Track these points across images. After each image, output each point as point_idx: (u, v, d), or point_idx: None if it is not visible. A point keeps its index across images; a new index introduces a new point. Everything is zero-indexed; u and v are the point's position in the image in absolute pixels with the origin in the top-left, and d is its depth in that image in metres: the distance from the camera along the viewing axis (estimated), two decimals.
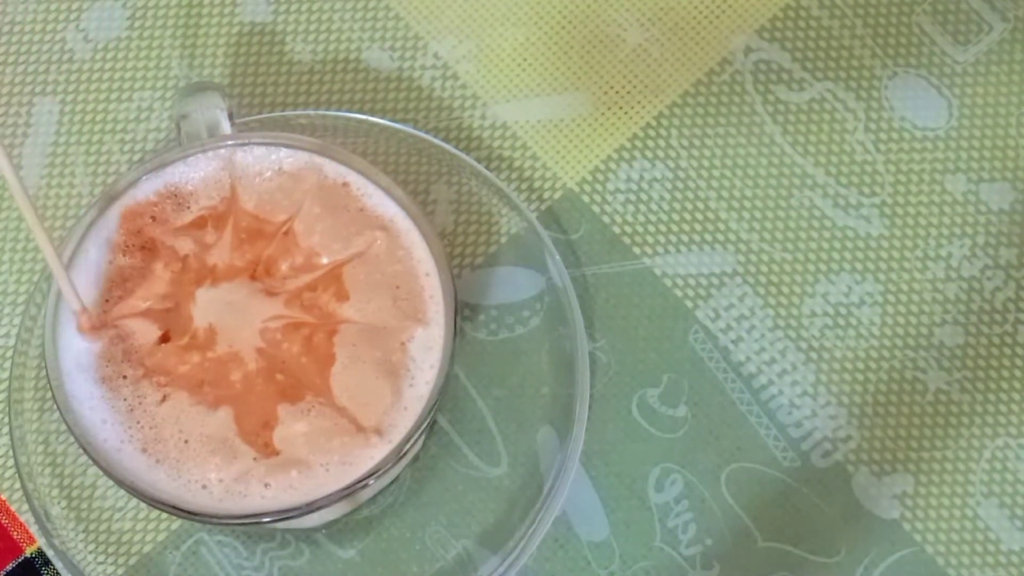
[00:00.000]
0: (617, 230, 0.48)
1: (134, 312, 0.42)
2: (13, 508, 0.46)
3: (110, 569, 0.45)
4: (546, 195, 0.49)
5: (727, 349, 0.47)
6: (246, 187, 0.43)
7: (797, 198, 0.49)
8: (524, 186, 0.49)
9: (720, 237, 0.48)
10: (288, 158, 0.44)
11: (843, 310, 0.48)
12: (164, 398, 0.41)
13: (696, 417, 0.47)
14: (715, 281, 0.48)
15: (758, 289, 0.48)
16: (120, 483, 0.40)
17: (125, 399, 0.41)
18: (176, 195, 0.43)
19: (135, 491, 0.40)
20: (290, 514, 0.40)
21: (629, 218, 0.49)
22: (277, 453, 0.40)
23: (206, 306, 0.42)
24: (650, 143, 0.49)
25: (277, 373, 0.41)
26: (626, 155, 0.49)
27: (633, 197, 0.49)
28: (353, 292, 0.42)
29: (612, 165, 0.49)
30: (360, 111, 0.49)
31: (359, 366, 0.41)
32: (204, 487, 0.40)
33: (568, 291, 0.47)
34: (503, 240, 0.48)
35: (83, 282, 0.42)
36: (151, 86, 0.50)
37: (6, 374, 0.47)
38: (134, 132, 0.50)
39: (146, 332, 0.41)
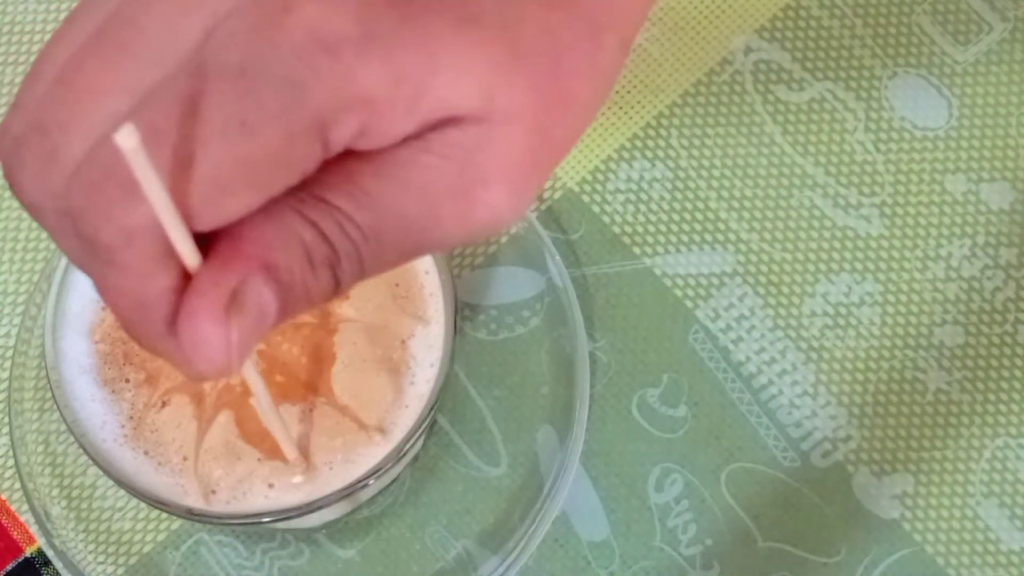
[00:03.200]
0: (617, 230, 0.48)
1: None
2: (13, 508, 0.46)
3: (110, 569, 0.45)
4: (546, 195, 0.49)
5: (727, 349, 0.47)
6: None
7: (797, 198, 0.49)
8: None
9: (720, 237, 0.48)
10: None
11: (843, 310, 0.48)
12: (165, 402, 0.41)
13: (696, 417, 0.47)
14: (715, 281, 0.48)
15: (758, 289, 0.48)
16: (120, 483, 0.40)
17: (128, 401, 0.41)
18: None
19: (135, 491, 0.40)
20: (291, 514, 0.40)
21: (629, 218, 0.49)
22: (281, 454, 0.40)
23: None
24: (650, 143, 0.49)
25: (277, 374, 0.41)
26: (626, 155, 0.49)
27: (633, 197, 0.49)
28: (353, 291, 0.42)
29: (612, 165, 0.49)
30: None
31: (360, 364, 0.41)
32: (207, 488, 0.40)
33: (568, 291, 0.47)
34: (503, 240, 0.48)
35: (83, 284, 0.42)
36: None
37: (6, 374, 0.47)
38: None
39: None
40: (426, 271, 0.42)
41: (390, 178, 0.27)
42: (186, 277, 0.26)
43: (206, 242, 0.26)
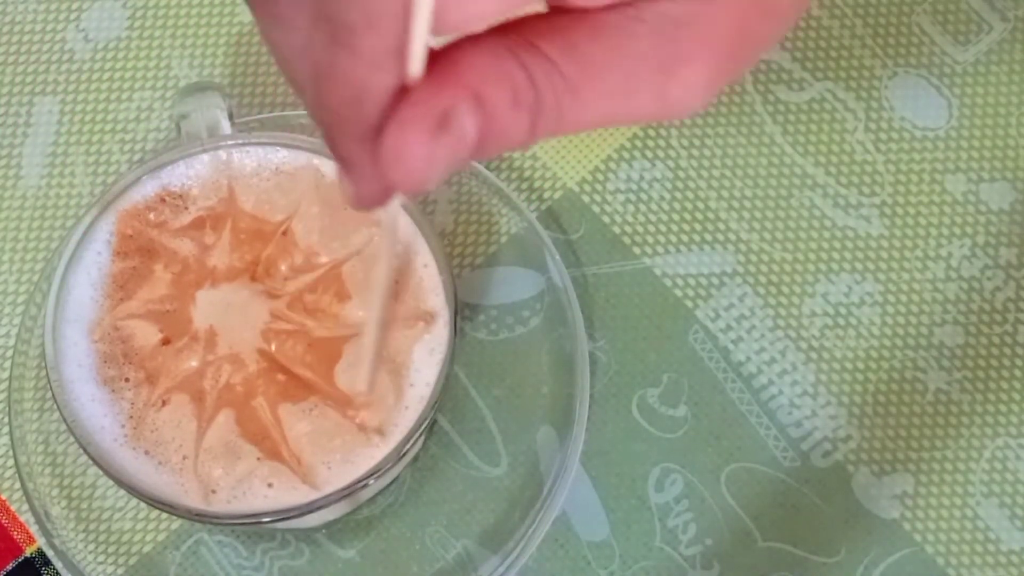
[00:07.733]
0: (617, 230, 0.48)
1: (135, 314, 0.42)
2: (13, 508, 0.46)
3: (110, 569, 0.45)
4: (546, 195, 0.49)
5: (727, 349, 0.47)
6: (244, 187, 0.43)
7: (797, 198, 0.49)
8: (524, 186, 0.49)
9: (720, 237, 0.48)
10: (286, 158, 0.44)
11: (843, 310, 0.48)
12: (165, 401, 0.41)
13: (696, 417, 0.47)
14: (715, 281, 0.48)
15: (758, 289, 0.48)
16: (120, 483, 0.40)
17: (127, 400, 0.41)
18: (175, 196, 0.43)
19: (135, 491, 0.40)
20: (291, 514, 0.40)
21: (629, 218, 0.49)
22: (280, 453, 0.40)
23: (206, 308, 0.42)
24: (650, 143, 0.49)
25: (279, 373, 0.41)
26: (626, 155, 0.49)
27: (633, 197, 0.49)
28: (354, 291, 0.42)
29: (612, 165, 0.49)
30: None
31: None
32: (207, 487, 0.40)
33: (568, 291, 0.47)
34: (503, 240, 0.48)
35: (83, 283, 0.42)
36: (151, 86, 0.50)
37: (6, 374, 0.47)
38: (134, 132, 0.50)
39: (147, 334, 0.41)
40: (424, 264, 0.42)
41: (598, 39, 0.28)
42: (401, 91, 0.27)
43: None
